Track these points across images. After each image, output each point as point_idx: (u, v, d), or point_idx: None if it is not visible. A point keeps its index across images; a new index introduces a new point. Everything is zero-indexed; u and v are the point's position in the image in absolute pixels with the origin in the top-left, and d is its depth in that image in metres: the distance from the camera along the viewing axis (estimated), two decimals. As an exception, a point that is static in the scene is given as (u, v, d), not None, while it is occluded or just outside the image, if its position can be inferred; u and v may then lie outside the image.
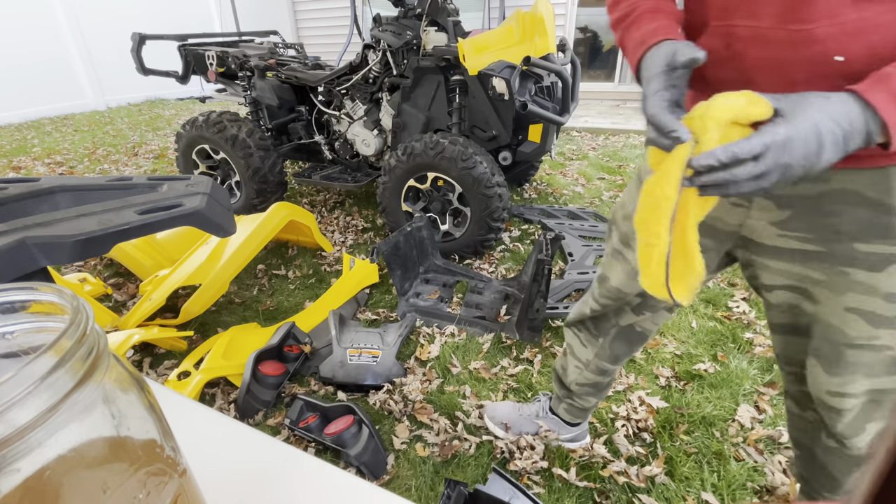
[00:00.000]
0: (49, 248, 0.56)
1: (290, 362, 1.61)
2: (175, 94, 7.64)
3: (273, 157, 2.70)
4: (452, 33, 2.38)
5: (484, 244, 2.28)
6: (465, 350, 1.71)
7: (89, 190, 0.71)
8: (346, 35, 3.50)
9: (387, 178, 2.32)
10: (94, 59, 6.65)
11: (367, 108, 2.66)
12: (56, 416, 0.19)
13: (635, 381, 1.55)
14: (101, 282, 2.09)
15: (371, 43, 2.49)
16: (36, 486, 0.19)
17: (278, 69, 2.77)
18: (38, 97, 6.19)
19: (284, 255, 2.45)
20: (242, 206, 2.74)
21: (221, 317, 1.95)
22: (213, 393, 1.53)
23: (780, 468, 1.24)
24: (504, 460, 1.28)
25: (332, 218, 2.92)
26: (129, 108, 6.96)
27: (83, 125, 5.75)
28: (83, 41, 6.50)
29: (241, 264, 1.89)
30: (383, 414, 1.45)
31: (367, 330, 1.74)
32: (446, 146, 2.10)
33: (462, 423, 1.40)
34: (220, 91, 3.20)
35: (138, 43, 2.95)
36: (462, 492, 0.98)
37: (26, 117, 6.10)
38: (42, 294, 0.24)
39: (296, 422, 1.34)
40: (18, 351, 0.25)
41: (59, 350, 0.20)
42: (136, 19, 6.54)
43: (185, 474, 0.28)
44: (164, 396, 0.46)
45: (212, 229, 0.71)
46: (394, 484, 1.24)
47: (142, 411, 0.25)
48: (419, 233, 2.14)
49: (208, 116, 2.65)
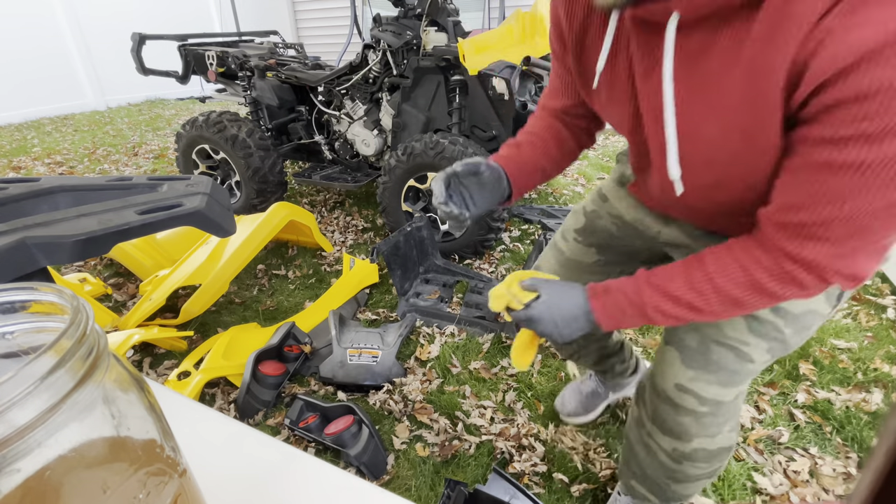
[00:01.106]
0: (49, 248, 0.56)
1: (290, 362, 1.61)
2: (175, 94, 7.63)
3: (273, 157, 2.70)
4: (452, 33, 2.38)
5: (484, 244, 2.28)
6: (465, 350, 1.71)
7: (89, 190, 0.71)
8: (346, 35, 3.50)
9: (387, 178, 2.32)
10: (94, 59, 6.65)
11: (367, 108, 2.65)
12: (56, 416, 0.19)
13: (635, 381, 1.55)
14: (101, 282, 2.09)
15: (371, 43, 2.49)
16: (36, 486, 0.19)
17: (278, 69, 2.76)
18: (38, 97, 6.19)
19: (284, 255, 2.45)
20: (242, 206, 2.74)
21: (221, 317, 1.95)
22: (213, 393, 1.53)
23: (780, 468, 1.24)
24: (504, 461, 1.28)
25: (332, 218, 2.92)
26: (129, 108, 6.96)
27: (83, 125, 5.75)
28: (83, 41, 6.49)
29: (241, 264, 1.89)
30: (383, 414, 1.45)
31: (367, 330, 1.74)
32: (446, 146, 2.10)
33: (462, 423, 1.40)
34: (220, 91, 3.20)
35: (138, 43, 2.95)
36: (462, 492, 0.98)
37: (26, 117, 6.09)
38: (42, 294, 0.24)
39: (296, 422, 1.34)
40: (18, 351, 0.25)
41: (59, 350, 0.20)
42: (135, 19, 6.54)
43: (185, 474, 0.28)
44: (164, 396, 0.46)
45: (212, 229, 0.71)
46: (394, 484, 1.24)
47: (142, 411, 0.25)
48: (419, 233, 2.14)
49: (208, 116, 2.64)
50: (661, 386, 0.83)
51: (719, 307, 0.62)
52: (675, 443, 0.84)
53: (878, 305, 1.85)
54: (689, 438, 0.82)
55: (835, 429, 1.34)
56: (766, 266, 0.57)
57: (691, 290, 0.63)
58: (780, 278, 0.57)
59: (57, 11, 6.20)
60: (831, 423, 1.35)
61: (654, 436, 0.87)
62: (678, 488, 0.90)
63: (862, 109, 0.44)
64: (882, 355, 1.58)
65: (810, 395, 1.45)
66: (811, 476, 1.22)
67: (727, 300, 0.61)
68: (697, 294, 0.62)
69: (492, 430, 1.37)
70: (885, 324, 1.74)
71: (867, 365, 1.55)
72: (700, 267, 0.63)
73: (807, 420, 1.37)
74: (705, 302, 0.62)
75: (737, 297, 0.61)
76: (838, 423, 1.35)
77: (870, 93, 0.43)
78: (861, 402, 1.41)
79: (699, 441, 0.82)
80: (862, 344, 1.65)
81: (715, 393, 0.78)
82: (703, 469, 0.85)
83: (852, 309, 1.84)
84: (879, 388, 1.46)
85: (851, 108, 0.45)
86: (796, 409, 1.40)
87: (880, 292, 1.93)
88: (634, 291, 0.67)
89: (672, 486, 0.90)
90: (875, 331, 1.71)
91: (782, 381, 1.50)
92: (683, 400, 0.80)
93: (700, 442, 0.82)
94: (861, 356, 1.58)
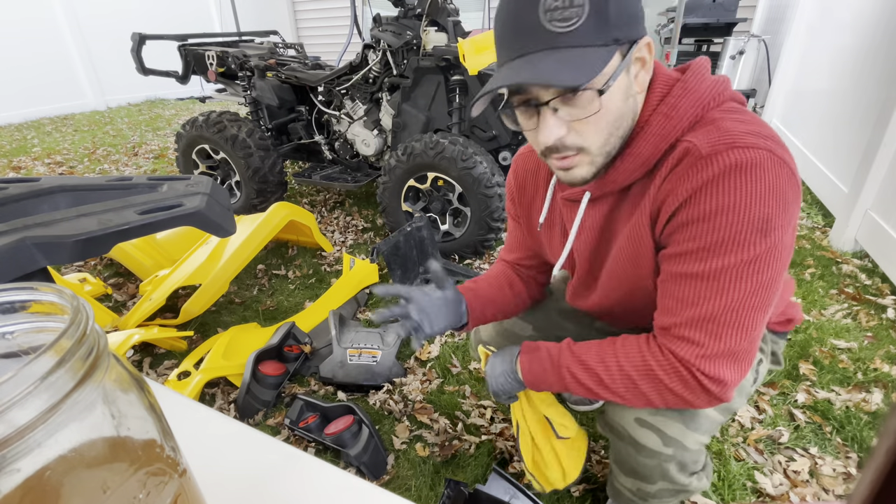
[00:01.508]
0: (49, 248, 0.56)
1: (290, 362, 1.61)
2: (175, 94, 7.63)
3: (273, 157, 2.70)
4: (452, 33, 2.38)
5: (484, 244, 2.28)
6: (465, 350, 1.71)
7: (89, 190, 0.71)
8: (346, 35, 3.50)
9: (387, 178, 2.32)
10: (94, 59, 6.65)
11: (367, 108, 2.65)
12: (56, 416, 0.19)
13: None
14: (101, 282, 2.09)
15: (371, 43, 2.49)
16: (36, 486, 0.19)
17: (278, 69, 2.76)
18: (38, 97, 6.19)
19: (284, 255, 2.45)
20: (242, 206, 2.73)
21: (221, 317, 1.95)
22: (213, 393, 1.53)
23: (780, 468, 1.24)
24: (504, 461, 1.28)
25: (332, 218, 2.92)
26: (129, 108, 6.96)
27: (83, 125, 5.75)
28: (83, 41, 6.49)
29: (241, 264, 1.89)
30: (383, 414, 1.45)
31: (367, 330, 1.74)
32: (446, 146, 2.10)
33: (462, 423, 1.40)
34: (220, 91, 3.20)
35: (138, 43, 2.95)
36: (462, 492, 0.98)
37: (26, 117, 6.09)
38: (42, 294, 0.24)
39: (296, 422, 1.34)
40: (18, 351, 0.25)
41: (59, 350, 0.20)
42: (135, 19, 6.54)
43: (185, 474, 0.28)
44: (164, 396, 0.46)
45: (212, 229, 0.71)
46: (394, 484, 1.24)
47: (142, 411, 0.25)
48: (419, 233, 2.14)
49: (208, 116, 2.64)
50: (619, 423, 0.80)
51: (621, 386, 0.69)
52: (638, 483, 0.83)
53: (878, 305, 1.85)
54: (651, 481, 0.80)
55: (835, 429, 1.34)
56: (656, 355, 0.67)
57: (600, 362, 0.71)
58: (665, 369, 0.66)
59: (57, 11, 6.20)
60: (831, 423, 1.35)
61: (617, 477, 0.87)
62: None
63: (696, 230, 0.61)
64: (882, 355, 1.58)
65: (810, 395, 1.45)
66: (811, 476, 1.22)
67: (627, 380, 0.69)
68: (604, 368, 0.70)
69: (492, 429, 1.37)
70: (885, 324, 1.74)
71: (867, 365, 1.55)
72: (612, 344, 0.72)
73: (807, 420, 1.37)
74: (610, 377, 0.70)
75: (634, 379, 0.68)
76: (838, 423, 1.35)
77: (698, 218, 0.60)
78: (861, 402, 1.41)
79: (663, 484, 0.80)
80: (862, 344, 1.64)
81: (678, 432, 0.75)
82: (671, 501, 0.86)
83: (852, 309, 1.84)
84: (879, 388, 1.46)
85: (690, 228, 0.61)
86: (796, 409, 1.40)
87: (880, 292, 1.93)
88: (557, 353, 0.75)
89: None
90: (875, 331, 1.71)
91: (782, 381, 1.50)
92: (645, 437, 0.77)
93: (664, 484, 0.80)
94: (861, 356, 1.58)
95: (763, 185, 0.56)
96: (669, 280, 0.66)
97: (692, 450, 0.77)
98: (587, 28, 0.55)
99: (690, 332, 0.63)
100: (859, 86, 2.48)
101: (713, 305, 0.61)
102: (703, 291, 0.61)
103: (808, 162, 3.01)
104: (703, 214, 0.59)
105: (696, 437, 0.76)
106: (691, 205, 0.60)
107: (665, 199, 0.63)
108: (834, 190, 2.57)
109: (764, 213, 0.57)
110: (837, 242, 2.31)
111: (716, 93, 0.63)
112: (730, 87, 0.65)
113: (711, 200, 0.58)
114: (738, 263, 0.59)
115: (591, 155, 0.64)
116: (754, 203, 0.57)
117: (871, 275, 2.05)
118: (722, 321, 0.61)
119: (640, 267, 0.71)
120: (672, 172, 0.62)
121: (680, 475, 0.79)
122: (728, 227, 0.58)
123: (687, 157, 0.61)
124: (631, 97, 0.63)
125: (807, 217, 2.67)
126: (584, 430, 0.97)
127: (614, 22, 0.56)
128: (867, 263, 2.13)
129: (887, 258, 2.00)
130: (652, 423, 0.76)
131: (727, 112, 0.62)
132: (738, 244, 0.58)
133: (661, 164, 0.64)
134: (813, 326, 1.74)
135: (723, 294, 0.60)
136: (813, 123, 3.11)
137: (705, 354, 0.62)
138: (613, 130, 0.63)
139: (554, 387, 0.77)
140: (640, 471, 0.80)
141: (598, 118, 0.60)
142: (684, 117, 0.62)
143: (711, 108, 0.63)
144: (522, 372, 0.79)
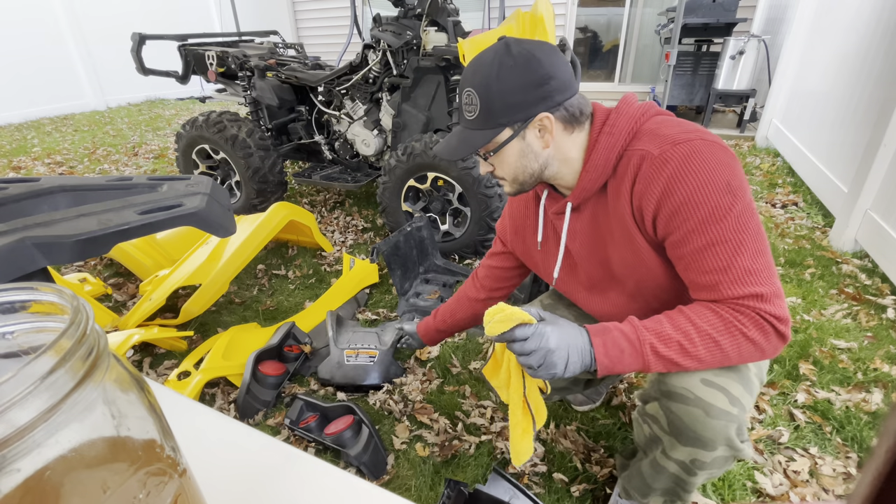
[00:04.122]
0: (49, 248, 0.56)
1: (290, 362, 1.61)
2: (175, 94, 7.64)
3: (273, 157, 2.70)
4: (452, 33, 2.38)
5: (484, 244, 2.28)
6: (465, 350, 1.71)
7: (89, 190, 0.71)
8: (346, 35, 3.50)
9: (387, 178, 2.32)
10: (94, 59, 6.65)
11: (367, 108, 2.65)
12: (56, 416, 0.19)
13: (636, 379, 1.55)
14: (101, 282, 2.09)
15: (371, 43, 2.49)
16: (36, 486, 0.19)
17: (278, 69, 2.76)
18: (38, 97, 6.19)
19: (284, 255, 2.45)
20: (242, 206, 2.73)
21: (221, 317, 1.95)
22: (213, 393, 1.53)
23: (780, 468, 1.24)
24: (504, 461, 1.28)
25: (332, 218, 2.92)
26: (129, 108, 6.96)
27: (83, 125, 5.75)
28: (83, 41, 6.49)
29: (241, 264, 1.89)
30: (383, 414, 1.45)
31: (365, 330, 1.74)
32: (446, 146, 2.10)
33: (462, 423, 1.40)
34: (220, 91, 3.20)
35: (138, 43, 2.95)
36: (462, 492, 0.98)
37: (26, 117, 6.09)
38: (42, 294, 0.24)
39: (296, 422, 1.34)
40: (18, 351, 0.25)
41: (59, 350, 0.20)
42: (135, 19, 6.54)
43: (185, 474, 0.28)
44: (164, 396, 0.46)
45: (212, 229, 0.71)
46: (394, 484, 1.24)
47: (142, 411, 0.25)
48: (419, 233, 2.14)
49: (208, 116, 2.64)
50: (685, 386, 0.79)
51: (702, 349, 0.73)
52: (696, 452, 0.80)
53: (878, 305, 1.85)
54: (713, 446, 0.79)
55: (835, 429, 1.34)
56: (733, 312, 0.72)
57: (678, 330, 0.74)
58: (744, 322, 0.71)
59: (57, 12, 6.20)
60: (831, 423, 1.35)
61: (670, 452, 0.84)
62: (685, 495, 0.91)
63: (684, 214, 0.73)
64: (882, 355, 1.58)
65: (810, 395, 1.45)
66: (811, 476, 1.22)
67: (709, 341, 0.73)
68: (684, 335, 0.74)
69: (492, 429, 1.37)
70: (885, 324, 1.74)
71: (867, 365, 1.55)
72: (678, 314, 0.76)
73: (807, 420, 1.37)
74: (691, 343, 0.73)
75: (716, 339, 0.72)
76: (838, 423, 1.35)
77: (680, 204, 0.73)
78: (861, 402, 1.41)
79: (722, 450, 0.79)
80: (862, 344, 1.64)
81: (740, 392, 0.77)
82: (714, 473, 0.84)
83: (852, 309, 1.84)
84: (879, 388, 1.46)
85: (678, 215, 0.74)
86: (796, 409, 1.40)
87: (880, 292, 1.93)
88: (631, 332, 0.76)
89: (681, 493, 0.91)
90: (875, 331, 1.71)
91: (782, 381, 1.50)
92: (713, 397, 0.77)
93: (723, 451, 0.79)
94: (861, 356, 1.58)
95: (710, 162, 0.72)
96: (689, 258, 0.76)
97: (748, 411, 0.81)
98: (480, 118, 0.81)
99: (744, 288, 0.72)
100: (859, 86, 2.48)
101: (741, 261, 0.71)
102: (724, 255, 0.72)
103: (808, 162, 3.01)
104: (683, 200, 0.73)
105: (749, 400, 0.80)
106: (668, 198, 0.74)
107: (641, 198, 0.78)
108: (834, 190, 2.57)
109: (723, 179, 0.72)
110: (837, 242, 2.31)
111: (642, 112, 0.81)
112: (655, 107, 0.83)
113: (682, 188, 0.73)
114: (732, 222, 0.71)
115: (508, 183, 0.89)
116: (711, 176, 0.72)
117: (871, 275, 2.05)
118: (755, 269, 0.71)
119: (639, 255, 0.83)
120: (639, 176, 0.77)
121: (737, 439, 0.78)
122: (706, 201, 0.72)
123: (645, 162, 0.76)
124: (531, 152, 0.83)
125: (807, 217, 2.67)
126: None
127: (499, 113, 0.79)
128: (867, 263, 2.13)
129: (887, 258, 2.00)
130: (718, 384, 0.78)
131: (658, 123, 0.80)
132: (722, 208, 0.71)
133: (624, 168, 0.80)
134: (813, 326, 1.74)
135: (740, 249, 0.71)
136: (813, 123, 3.11)
137: (767, 299, 0.71)
138: (518, 173, 0.86)
139: (628, 368, 0.76)
140: (705, 435, 0.78)
141: (500, 166, 0.87)
142: (622, 131, 0.80)
143: (643, 122, 0.80)
144: (597, 356, 0.75)
